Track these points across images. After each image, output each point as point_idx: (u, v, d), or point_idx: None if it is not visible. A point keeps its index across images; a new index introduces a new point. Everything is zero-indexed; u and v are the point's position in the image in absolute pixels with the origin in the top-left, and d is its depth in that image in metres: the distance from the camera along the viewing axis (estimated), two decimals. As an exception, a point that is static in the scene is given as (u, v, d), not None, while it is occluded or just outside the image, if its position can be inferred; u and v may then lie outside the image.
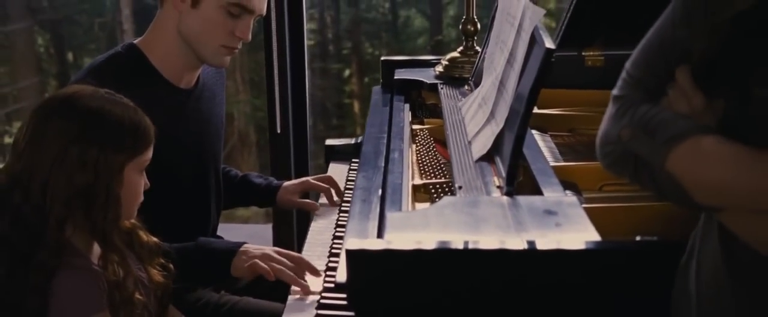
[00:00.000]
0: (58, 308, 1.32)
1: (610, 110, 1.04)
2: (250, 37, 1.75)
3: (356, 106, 4.67)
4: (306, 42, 2.78)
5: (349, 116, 4.75)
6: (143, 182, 1.43)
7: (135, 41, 1.77)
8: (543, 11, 1.44)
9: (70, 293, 1.33)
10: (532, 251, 1.16)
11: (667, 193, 0.97)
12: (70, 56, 4.79)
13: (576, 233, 1.20)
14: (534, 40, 1.42)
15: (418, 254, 1.17)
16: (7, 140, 4.91)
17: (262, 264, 1.54)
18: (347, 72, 4.70)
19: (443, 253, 1.17)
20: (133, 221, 1.48)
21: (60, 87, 5.01)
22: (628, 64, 1.04)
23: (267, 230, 3.18)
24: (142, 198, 1.44)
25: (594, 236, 1.19)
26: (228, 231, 2.22)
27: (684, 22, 0.97)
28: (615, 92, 1.04)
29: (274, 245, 2.74)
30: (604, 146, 1.04)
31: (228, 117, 4.83)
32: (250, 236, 3.10)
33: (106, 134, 1.35)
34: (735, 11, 0.90)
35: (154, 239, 1.51)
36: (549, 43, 1.34)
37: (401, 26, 4.44)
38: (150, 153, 1.43)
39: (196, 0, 1.68)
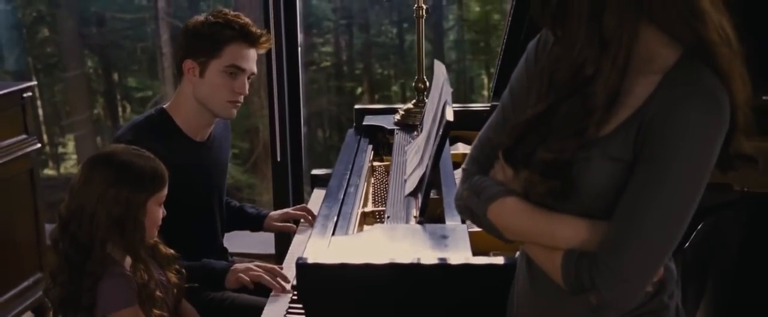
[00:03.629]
0: (103, 302, 1.83)
1: (460, 177, 1.54)
2: (247, 91, 2.28)
3: (367, 120, 5.10)
4: (301, 86, 3.32)
5: (361, 129, 5.13)
6: (161, 212, 1.94)
7: (164, 106, 2.31)
8: (451, 90, 1.95)
9: (111, 291, 1.84)
10: (420, 265, 1.61)
11: (490, 231, 1.44)
12: (115, 76, 5.16)
13: (455, 252, 1.65)
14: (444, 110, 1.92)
15: (343, 266, 1.62)
16: (61, 149, 5.46)
17: (245, 277, 2.09)
18: (359, 90, 5.03)
19: (361, 266, 1.61)
20: (156, 238, 1.98)
21: (106, 103, 5.47)
22: (471, 148, 1.53)
23: (270, 236, 3.69)
24: (160, 223, 1.94)
25: (467, 254, 1.65)
26: (240, 237, 2.77)
27: (499, 123, 1.47)
28: (462, 165, 1.53)
29: (275, 248, 3.33)
30: (455, 200, 1.50)
31: (254, 130, 5.33)
32: (259, 242, 3.64)
33: (133, 179, 1.85)
34: (527, 117, 1.39)
35: (171, 251, 2.01)
36: (449, 116, 1.81)
37: (407, 49, 4.74)
38: (165, 191, 1.92)
39: (203, 71, 2.22)
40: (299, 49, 3.23)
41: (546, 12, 1.30)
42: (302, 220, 2.50)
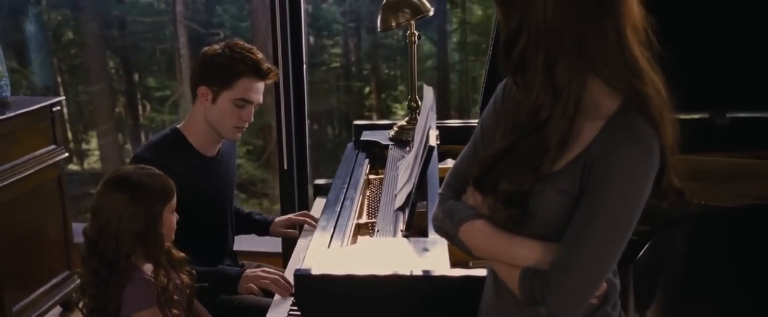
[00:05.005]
0: (126, 304, 2.06)
1: (437, 200, 1.75)
2: (252, 119, 2.52)
3: (374, 118, 5.19)
4: (306, 101, 3.53)
5: (368, 127, 5.31)
6: (175, 217, 2.15)
7: (178, 126, 2.55)
8: (435, 116, 2.15)
9: (132, 294, 2.06)
10: (400, 276, 1.77)
11: (461, 249, 1.62)
12: (136, 77, 5.41)
13: (434, 263, 1.79)
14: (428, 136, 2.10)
15: (331, 277, 1.77)
16: (84, 146, 5.73)
17: (254, 286, 2.31)
18: (367, 89, 5.25)
19: (347, 277, 1.77)
20: (168, 243, 2.18)
21: (127, 102, 5.72)
22: (446, 175, 1.74)
23: (277, 240, 3.87)
24: (175, 227, 2.16)
25: (445, 265, 1.81)
26: (249, 240, 3.00)
27: (471, 155, 1.67)
28: (439, 190, 1.74)
29: (282, 247, 3.57)
30: (432, 221, 1.70)
31: (267, 127, 5.55)
32: (267, 241, 3.84)
33: (147, 196, 2.07)
34: (493, 152, 1.59)
35: (182, 254, 2.21)
36: (432, 142, 2.01)
37: (413, 51, 5.09)
38: (175, 199, 2.13)
39: (215, 98, 2.46)
40: (304, 66, 3.44)
41: (508, 63, 1.50)
42: (306, 225, 2.73)
